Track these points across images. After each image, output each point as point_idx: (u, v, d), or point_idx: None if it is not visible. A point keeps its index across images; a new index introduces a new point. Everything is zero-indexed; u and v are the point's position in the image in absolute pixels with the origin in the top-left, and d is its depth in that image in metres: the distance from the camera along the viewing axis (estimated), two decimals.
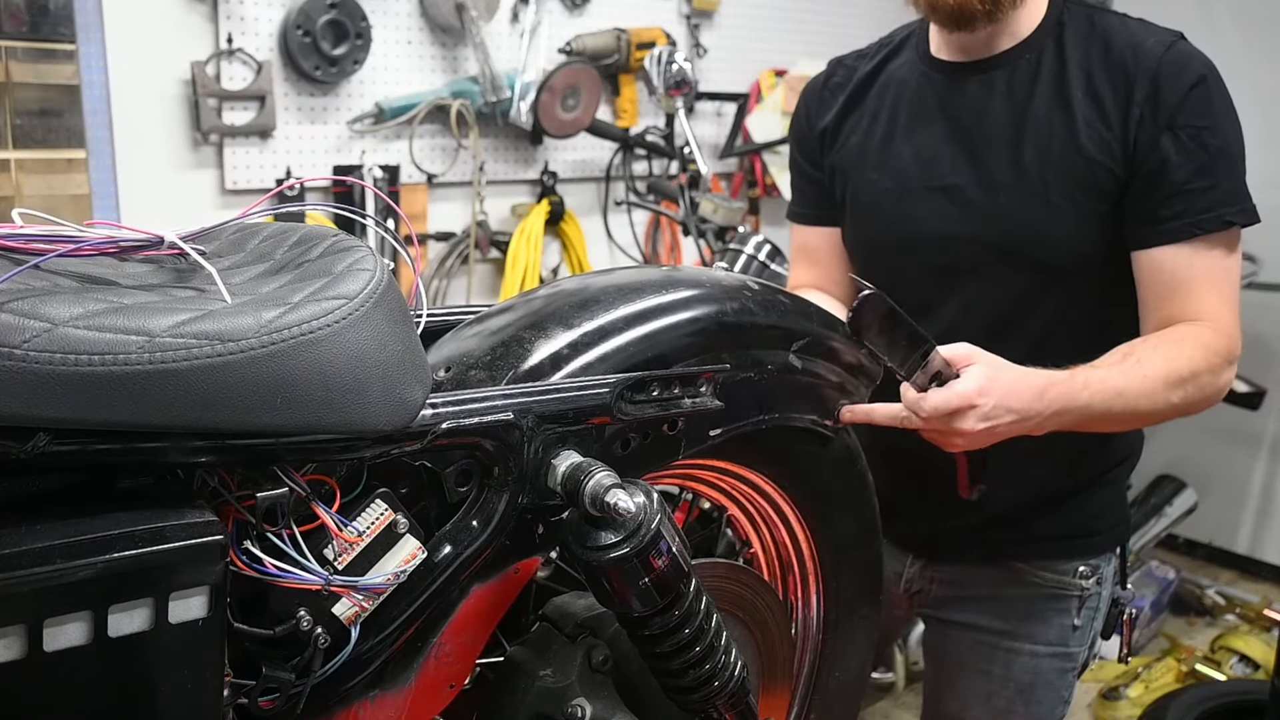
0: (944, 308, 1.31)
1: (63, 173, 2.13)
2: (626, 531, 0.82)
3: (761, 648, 1.13)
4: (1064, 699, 1.44)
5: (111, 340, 0.61)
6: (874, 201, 1.36)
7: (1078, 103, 1.22)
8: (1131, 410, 1.14)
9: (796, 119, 1.48)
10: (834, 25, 3.19)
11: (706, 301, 0.99)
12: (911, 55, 1.36)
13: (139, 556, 0.63)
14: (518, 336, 0.91)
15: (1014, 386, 1.07)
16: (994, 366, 1.08)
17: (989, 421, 1.06)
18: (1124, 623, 1.44)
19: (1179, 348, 1.17)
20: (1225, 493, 3.48)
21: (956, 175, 1.29)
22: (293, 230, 0.85)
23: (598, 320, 0.93)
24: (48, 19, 2.01)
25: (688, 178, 2.53)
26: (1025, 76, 1.26)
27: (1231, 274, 1.21)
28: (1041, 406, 1.08)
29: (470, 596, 0.85)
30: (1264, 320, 3.24)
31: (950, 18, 1.23)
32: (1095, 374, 1.13)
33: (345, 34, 2.21)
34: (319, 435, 0.71)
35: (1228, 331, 1.20)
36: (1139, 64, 1.19)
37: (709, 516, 1.19)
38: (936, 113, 1.31)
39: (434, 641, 0.84)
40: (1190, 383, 1.16)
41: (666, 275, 1.03)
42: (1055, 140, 1.23)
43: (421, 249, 2.47)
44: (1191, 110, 1.17)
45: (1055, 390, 1.10)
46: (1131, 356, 1.16)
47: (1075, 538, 1.38)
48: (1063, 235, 1.23)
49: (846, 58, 1.45)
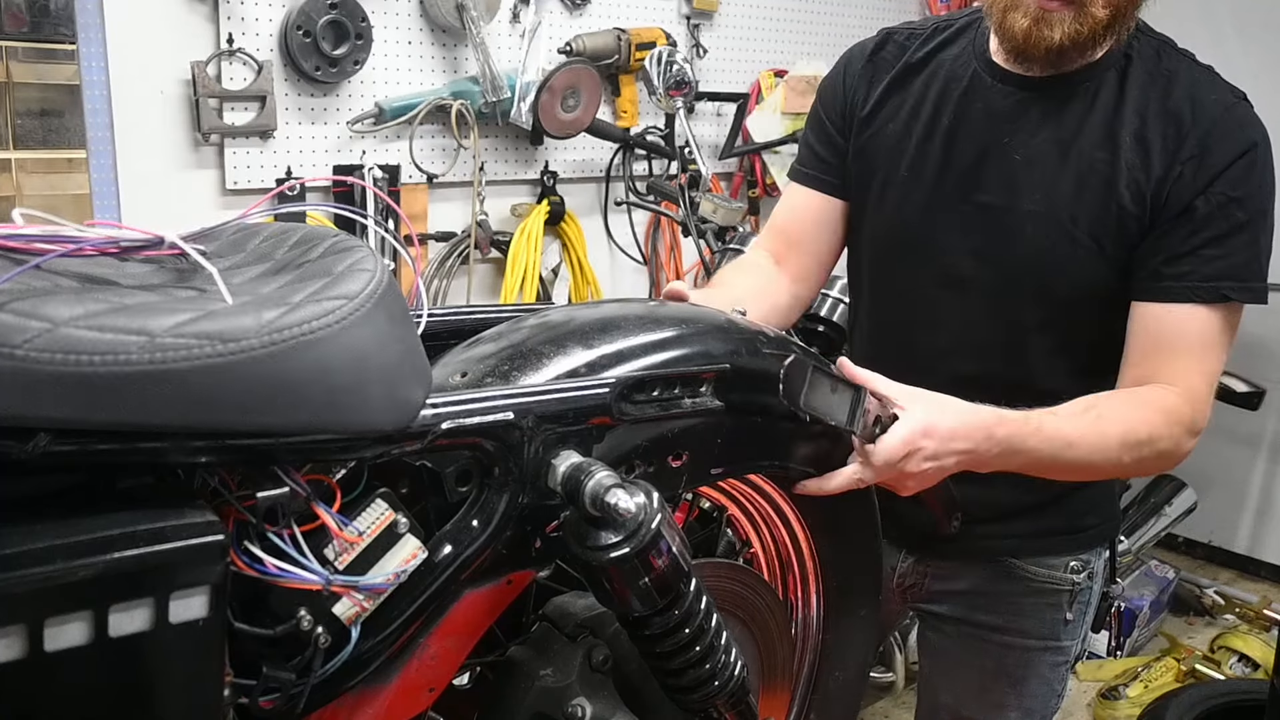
0: (950, 321, 1.30)
1: (63, 173, 2.13)
2: (626, 531, 0.82)
3: (761, 648, 1.13)
4: (1057, 692, 1.45)
5: (112, 340, 0.61)
6: (900, 202, 1.32)
7: (1125, 147, 1.19)
8: (1083, 462, 1.13)
9: (833, 79, 1.41)
10: (834, 25, 3.19)
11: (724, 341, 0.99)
12: (967, 50, 1.31)
13: (139, 556, 0.63)
14: (536, 350, 0.91)
15: (959, 425, 1.05)
16: (935, 406, 1.05)
17: (934, 462, 1.04)
18: (1112, 616, 1.45)
19: (1142, 411, 1.15)
20: (1225, 492, 3.49)
21: (990, 194, 1.26)
22: (293, 230, 0.85)
23: (616, 344, 0.93)
24: (48, 19, 2.01)
25: (688, 178, 2.53)
26: (1080, 106, 1.22)
27: (1218, 349, 1.19)
28: (989, 446, 1.07)
29: (462, 601, 0.84)
30: (1264, 320, 3.24)
31: (1014, 49, 1.20)
32: (1050, 421, 1.11)
33: (345, 34, 2.21)
34: (319, 435, 0.70)
35: (1197, 403, 1.18)
36: (1195, 121, 1.17)
37: (709, 516, 1.19)
38: (982, 122, 1.27)
39: (420, 642, 0.83)
40: (1146, 446, 1.14)
41: (687, 313, 1.03)
42: (1094, 179, 1.20)
43: (421, 249, 2.47)
44: (1230, 179, 1.15)
45: (1004, 430, 1.08)
46: (1093, 410, 1.14)
47: (1066, 533, 1.39)
48: (1081, 273, 1.22)
49: (898, 33, 1.38)
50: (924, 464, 1.04)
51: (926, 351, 1.32)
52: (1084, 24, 1.15)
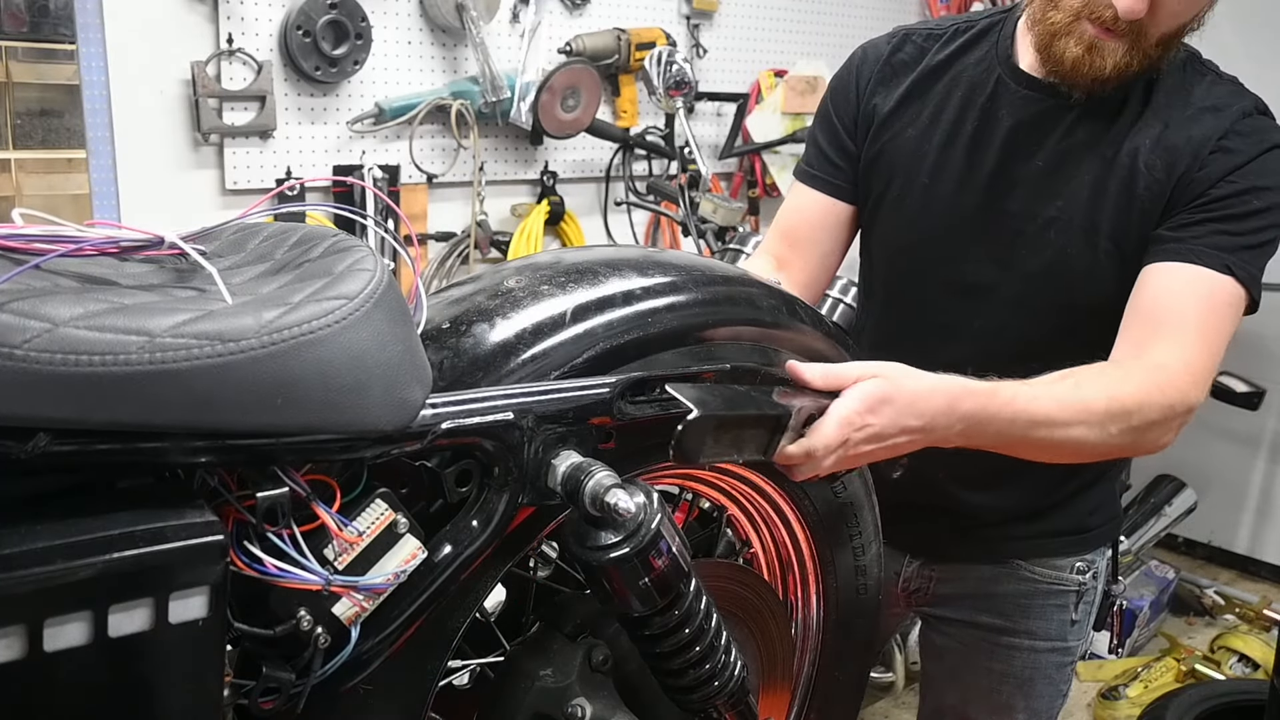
0: (967, 329, 1.28)
1: (63, 173, 2.13)
2: (626, 531, 0.82)
3: (761, 648, 1.13)
4: (1062, 692, 1.46)
5: (112, 340, 0.61)
6: (920, 209, 1.29)
7: (1145, 150, 1.18)
8: (1063, 439, 1.05)
9: (845, 79, 1.36)
10: (834, 25, 3.19)
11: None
12: (990, 55, 1.27)
13: (139, 556, 0.63)
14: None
15: (918, 397, 0.97)
16: (891, 380, 0.97)
17: (879, 443, 0.96)
18: (1114, 615, 1.45)
19: (1129, 378, 1.08)
20: (1225, 492, 3.48)
21: (1012, 201, 1.24)
22: (293, 230, 0.85)
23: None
24: (48, 19, 2.01)
25: (688, 178, 2.53)
26: (1105, 113, 1.20)
27: (1219, 324, 1.13)
28: (950, 422, 0.99)
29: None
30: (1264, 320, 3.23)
31: (1059, 74, 1.18)
32: (1023, 391, 1.03)
33: (345, 34, 2.21)
34: (319, 435, 0.71)
35: (1194, 374, 1.10)
36: (1219, 123, 1.16)
37: (709, 516, 1.19)
38: (1006, 129, 1.24)
39: None
40: (1136, 415, 1.06)
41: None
42: (1114, 183, 1.19)
43: (421, 249, 2.46)
44: (1251, 170, 1.14)
45: (970, 402, 1.00)
46: (1069, 379, 1.07)
47: (1072, 534, 1.38)
48: (1103, 279, 1.20)
49: (916, 33, 1.34)
50: (867, 446, 0.95)
51: (941, 359, 1.31)
52: (1134, 57, 1.14)
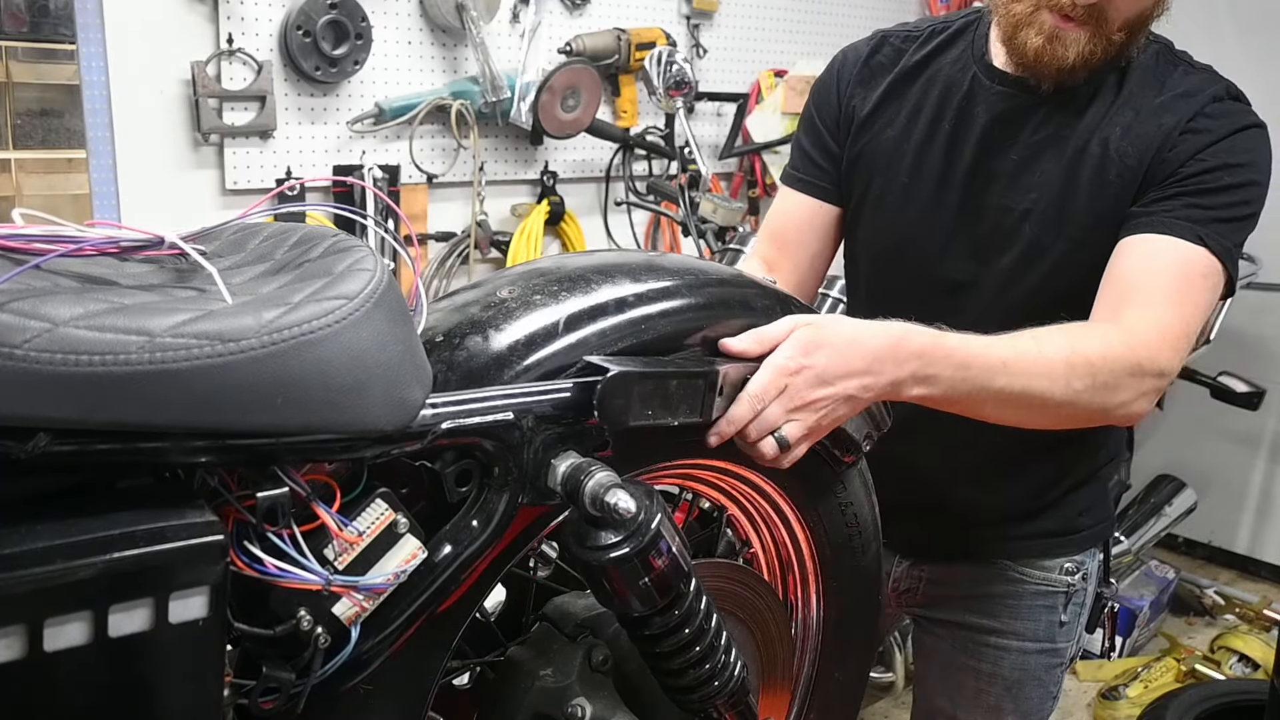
0: (951, 325, 1.28)
1: (63, 173, 2.13)
2: (626, 531, 0.82)
3: (761, 648, 1.13)
4: (1052, 694, 1.45)
5: (112, 340, 0.61)
6: (900, 207, 1.31)
7: (1115, 138, 1.19)
8: (1022, 390, 1.00)
9: (827, 82, 1.39)
10: (834, 25, 3.19)
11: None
12: (966, 54, 1.30)
13: (139, 556, 0.63)
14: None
15: (857, 339, 0.92)
16: (823, 325, 0.93)
17: (828, 388, 0.90)
18: (1107, 616, 1.45)
19: (1088, 332, 1.06)
20: (1225, 492, 3.49)
21: (990, 197, 1.25)
22: (293, 230, 0.85)
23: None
24: (48, 19, 2.01)
25: (688, 178, 2.53)
26: (1077, 105, 1.22)
27: (1194, 296, 1.12)
28: (901, 360, 0.94)
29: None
30: (1264, 320, 3.24)
31: (1025, 66, 1.20)
32: (976, 340, 1.00)
33: (345, 34, 2.21)
34: (319, 435, 0.71)
35: (1167, 336, 1.08)
36: (1190, 106, 1.17)
37: (709, 516, 1.19)
38: (983, 126, 1.26)
39: None
40: (1100, 369, 1.02)
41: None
42: (1085, 171, 1.20)
43: (421, 249, 2.47)
44: (1222, 148, 1.14)
45: (919, 339, 0.96)
46: (1028, 334, 1.04)
47: (1061, 535, 1.39)
48: (1080, 268, 1.21)
49: (894, 35, 1.37)
50: (814, 392, 0.90)
51: None
52: (1098, 45, 1.15)
